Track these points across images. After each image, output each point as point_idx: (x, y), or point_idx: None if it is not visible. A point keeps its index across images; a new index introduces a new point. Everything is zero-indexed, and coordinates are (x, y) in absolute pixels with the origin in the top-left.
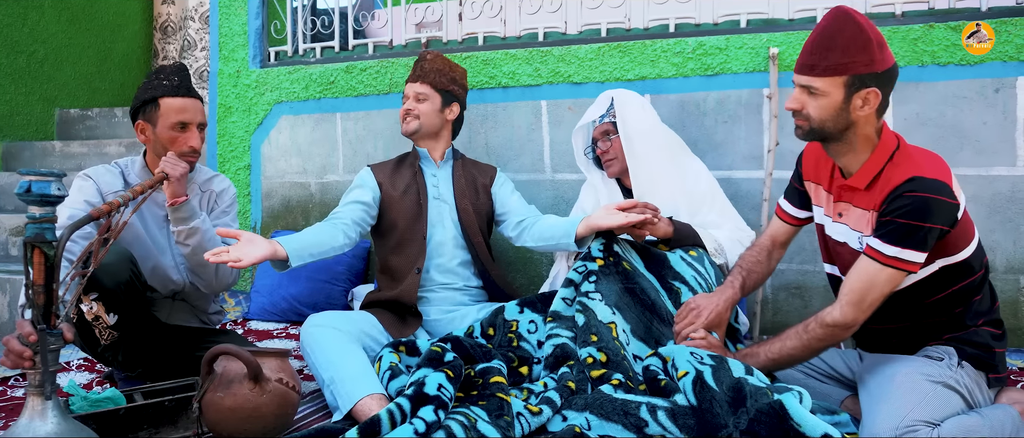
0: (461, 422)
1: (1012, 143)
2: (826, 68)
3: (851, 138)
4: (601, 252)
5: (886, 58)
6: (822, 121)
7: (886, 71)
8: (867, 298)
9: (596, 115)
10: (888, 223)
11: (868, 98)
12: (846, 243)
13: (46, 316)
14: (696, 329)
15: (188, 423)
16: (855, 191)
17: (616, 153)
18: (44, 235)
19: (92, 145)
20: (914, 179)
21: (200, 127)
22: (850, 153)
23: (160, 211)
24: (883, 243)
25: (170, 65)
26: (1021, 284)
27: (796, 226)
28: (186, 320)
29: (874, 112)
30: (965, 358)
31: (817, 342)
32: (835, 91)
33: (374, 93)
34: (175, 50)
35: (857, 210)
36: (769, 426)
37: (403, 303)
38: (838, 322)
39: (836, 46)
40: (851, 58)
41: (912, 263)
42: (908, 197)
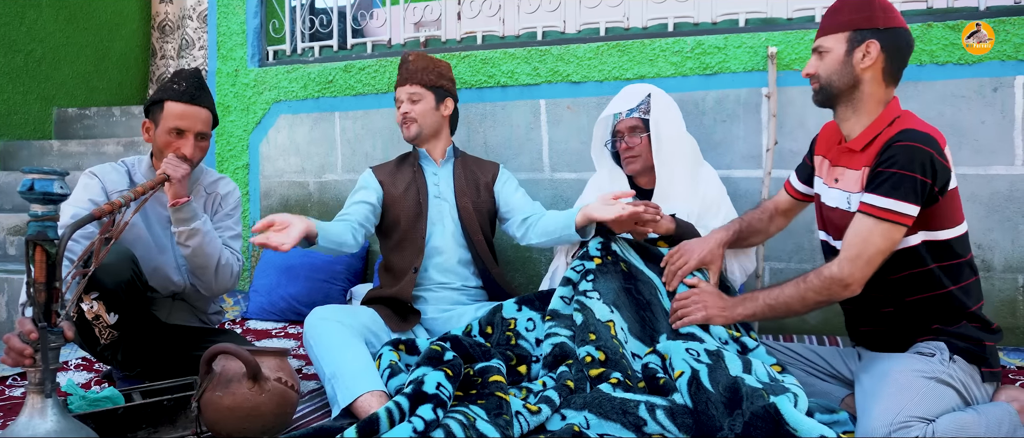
0: (460, 421)
1: (1010, 142)
2: (831, 26)
3: (856, 98)
4: (599, 251)
5: (889, 17)
6: (829, 77)
7: (888, 29)
8: (864, 254)
9: (625, 107)
10: (879, 175)
11: (868, 50)
12: (838, 207)
13: (47, 314)
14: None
15: (187, 422)
16: (852, 153)
17: (641, 151)
18: (46, 233)
19: (90, 144)
20: (904, 130)
21: (200, 136)
22: (854, 116)
23: (164, 212)
24: (876, 196)
25: (187, 70)
26: (1019, 283)
27: (798, 200)
28: (186, 320)
29: (878, 70)
30: (956, 352)
31: (813, 294)
32: (838, 46)
33: (372, 92)
34: (173, 49)
35: (851, 172)
36: (764, 430)
37: (400, 301)
38: (835, 275)
39: (842, 7)
40: (853, 15)
41: (905, 215)
42: (898, 146)
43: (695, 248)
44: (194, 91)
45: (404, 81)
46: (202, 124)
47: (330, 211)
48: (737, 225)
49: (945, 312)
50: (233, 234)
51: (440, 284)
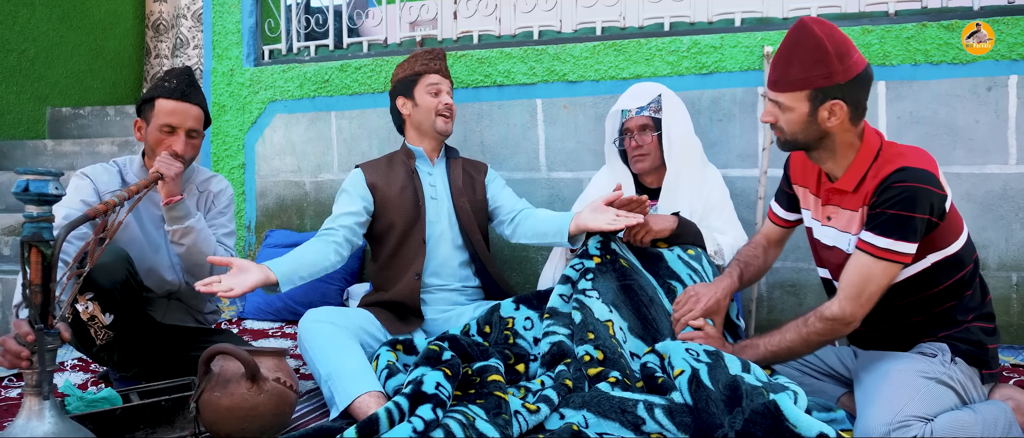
0: (459, 421)
1: (1004, 141)
2: (787, 83)
3: (830, 145)
4: (598, 250)
5: (849, 68)
6: (794, 134)
7: (850, 81)
8: (864, 292)
9: (635, 105)
10: (879, 215)
11: (834, 110)
12: (836, 246)
13: (43, 316)
14: (696, 315)
15: (185, 423)
16: (843, 194)
17: (651, 149)
18: (41, 234)
19: (84, 144)
20: (902, 169)
21: (191, 134)
22: (832, 159)
23: (157, 211)
24: (875, 235)
25: (178, 68)
26: (1013, 281)
27: (786, 227)
28: (182, 320)
29: (846, 121)
30: (958, 354)
31: (816, 336)
32: (799, 105)
33: (369, 92)
34: (167, 48)
35: (846, 212)
36: (764, 427)
37: (403, 305)
38: (837, 316)
39: (793, 61)
40: (808, 72)
41: (904, 254)
42: (897, 188)
43: (701, 296)
44: (185, 88)
45: (444, 73)
46: (193, 121)
47: (326, 211)
48: (738, 270)
49: (952, 320)
50: (226, 231)
51: (439, 286)
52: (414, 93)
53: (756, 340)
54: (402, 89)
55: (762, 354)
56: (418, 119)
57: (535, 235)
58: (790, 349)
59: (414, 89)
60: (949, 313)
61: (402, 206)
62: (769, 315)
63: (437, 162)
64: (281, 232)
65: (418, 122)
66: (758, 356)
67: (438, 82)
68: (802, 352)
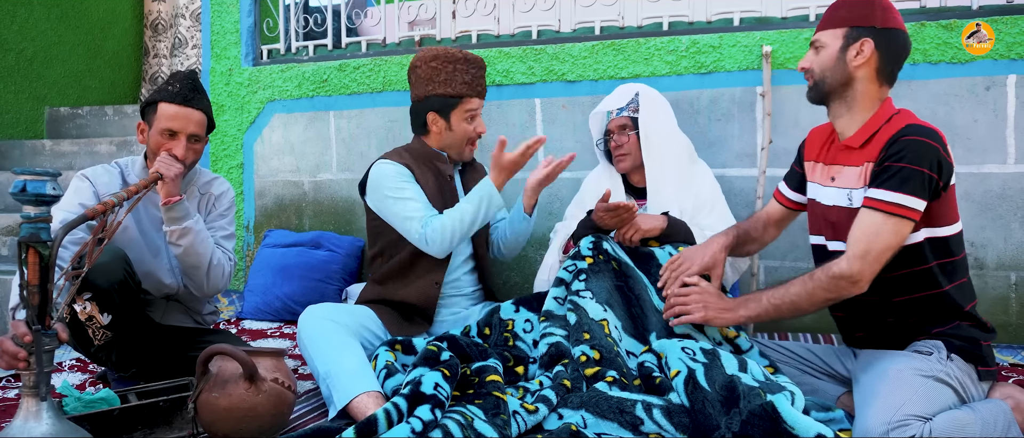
0: (458, 421)
1: (1003, 141)
2: (830, 22)
3: (850, 96)
4: (591, 250)
5: (888, 18)
6: (823, 72)
7: (885, 29)
8: (872, 250)
9: (615, 106)
10: (887, 169)
11: (862, 49)
12: (836, 205)
13: (41, 316)
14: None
15: (183, 423)
16: (850, 151)
17: (630, 149)
18: (39, 235)
19: (82, 144)
20: (910, 126)
21: (193, 139)
22: (848, 113)
23: (157, 214)
24: (883, 190)
25: (182, 72)
26: (1012, 281)
27: (790, 209)
28: (180, 320)
29: (872, 68)
30: (953, 351)
31: (822, 292)
32: (834, 42)
33: (367, 91)
34: (166, 48)
35: (850, 169)
36: (762, 429)
37: (416, 308)
38: (844, 273)
39: (842, 4)
40: (852, 12)
41: (913, 209)
42: (905, 141)
43: (697, 254)
44: (188, 93)
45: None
46: (195, 126)
47: (325, 210)
48: (735, 231)
49: (940, 313)
50: (226, 234)
51: (454, 292)
52: (451, 117)
53: (759, 293)
54: (438, 106)
55: (764, 307)
56: (447, 142)
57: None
58: (794, 303)
59: (452, 112)
60: (938, 300)
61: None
62: None
63: (455, 167)
64: (280, 232)
65: (445, 144)
66: (760, 308)
67: (477, 107)
68: (806, 308)
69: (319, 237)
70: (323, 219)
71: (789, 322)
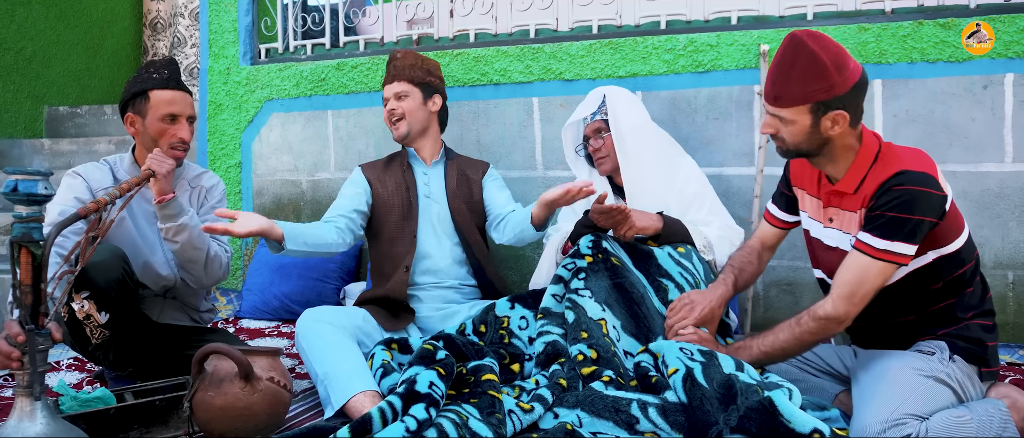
0: (453, 420)
1: (1000, 139)
2: (788, 99)
3: (831, 151)
4: (590, 249)
5: (847, 78)
6: (797, 144)
7: (849, 91)
8: (859, 291)
9: (587, 112)
10: (878, 217)
11: (836, 119)
12: (838, 247)
13: (34, 316)
14: (687, 325)
15: (179, 422)
16: (843, 195)
17: (608, 151)
18: (31, 234)
19: (81, 143)
20: (901, 173)
21: (190, 120)
22: (833, 164)
23: (149, 207)
24: (873, 236)
25: (159, 59)
26: (1009, 279)
27: (783, 229)
28: (177, 318)
29: (846, 126)
30: (957, 352)
31: (809, 336)
32: (802, 118)
33: (365, 90)
34: (165, 47)
35: (846, 213)
36: (759, 423)
37: (394, 300)
38: (830, 315)
39: (793, 77)
40: (809, 87)
41: (902, 255)
42: (896, 191)
43: (695, 305)
44: (176, 76)
45: (391, 79)
46: (190, 107)
47: (323, 209)
48: (732, 276)
49: (951, 318)
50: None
51: (434, 283)
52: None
53: (749, 341)
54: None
55: (755, 355)
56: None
57: (510, 234)
58: (784, 349)
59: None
60: (949, 311)
61: (394, 205)
62: (765, 313)
63: (434, 163)
64: None
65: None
66: (751, 357)
67: (385, 91)
68: (795, 352)
69: None
70: (321, 218)
71: (787, 317)
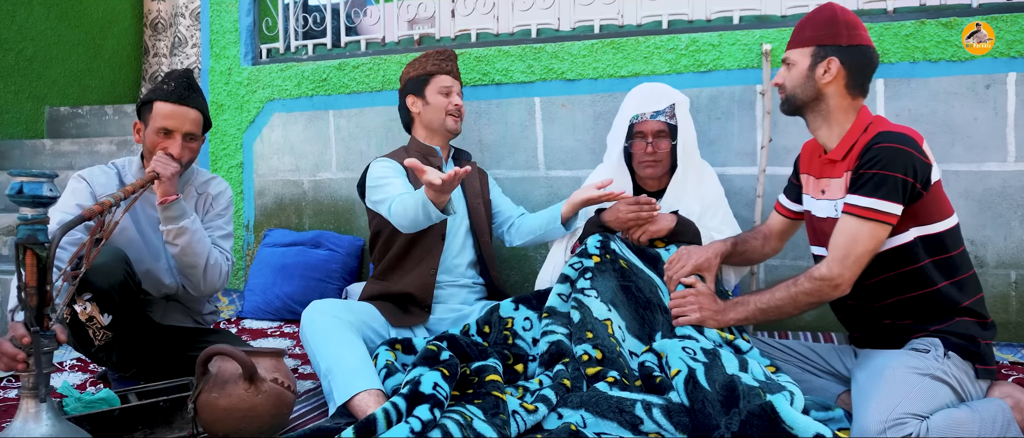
0: (457, 421)
1: (1003, 139)
2: (798, 41)
3: (823, 109)
4: (598, 249)
5: (853, 35)
6: (794, 89)
7: (851, 46)
8: (851, 254)
9: (651, 109)
10: (861, 176)
11: (829, 67)
12: (828, 217)
13: (39, 318)
14: (686, 272)
15: (183, 424)
16: (834, 164)
17: (663, 156)
18: (36, 236)
19: (83, 143)
20: (881, 133)
21: (189, 137)
22: (825, 126)
23: (155, 214)
24: (858, 196)
25: (178, 70)
26: (1012, 279)
27: (791, 219)
28: (180, 320)
29: (841, 84)
30: (951, 348)
31: (804, 296)
32: (803, 60)
33: (367, 90)
34: (166, 47)
35: (836, 181)
36: (761, 429)
37: (413, 298)
38: (825, 276)
39: (808, 24)
40: (817, 31)
41: (888, 214)
42: (876, 149)
43: (693, 254)
44: (183, 91)
45: (455, 75)
46: (191, 125)
47: (325, 209)
48: (734, 240)
49: (936, 310)
50: (223, 234)
51: (449, 282)
52: (425, 92)
53: (747, 297)
54: (413, 88)
55: (752, 311)
56: (428, 118)
57: (531, 232)
58: (779, 308)
59: (425, 89)
60: (936, 299)
61: None
62: None
63: (448, 162)
64: (280, 231)
65: (428, 121)
66: (747, 312)
67: (450, 84)
68: (790, 312)
69: (319, 236)
70: (323, 218)
71: (790, 321)
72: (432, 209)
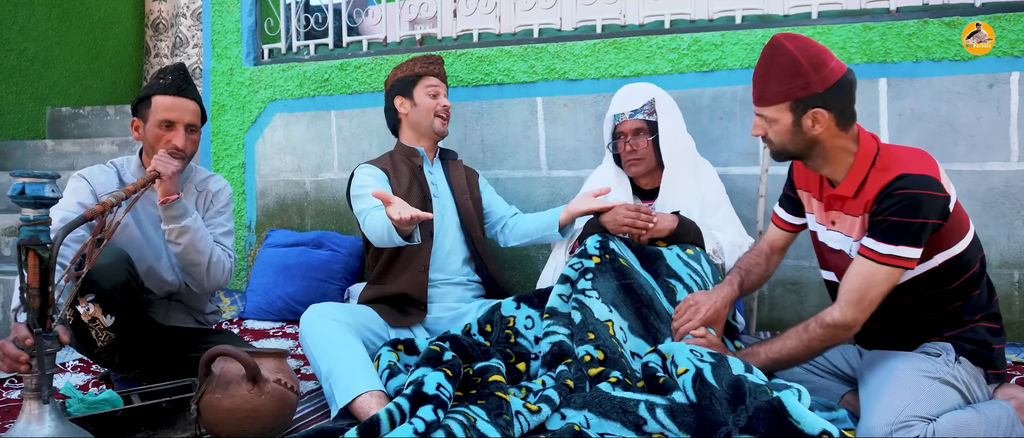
0: (460, 421)
1: (1006, 138)
2: (768, 97)
3: (822, 152)
4: (597, 249)
5: (825, 77)
6: (783, 144)
7: (829, 89)
8: (866, 297)
9: (628, 108)
10: (881, 222)
11: (816, 118)
12: (842, 251)
13: (42, 319)
14: (695, 325)
15: (186, 425)
16: (844, 199)
17: (645, 154)
18: (38, 237)
19: (84, 144)
20: (902, 176)
21: (190, 128)
22: (828, 165)
23: (155, 212)
24: (877, 242)
25: (170, 65)
26: (1015, 278)
27: (792, 232)
28: (182, 320)
29: (833, 127)
30: (963, 354)
31: (817, 342)
32: (783, 116)
33: (369, 91)
34: (167, 47)
35: (848, 217)
36: (768, 424)
37: (409, 297)
38: (838, 322)
39: (771, 76)
40: (786, 85)
41: (908, 259)
42: (898, 195)
43: (701, 306)
44: (181, 83)
45: (442, 78)
46: (191, 116)
47: (326, 210)
48: (739, 278)
49: (954, 322)
50: (225, 231)
51: (444, 280)
52: (413, 93)
53: (756, 347)
54: (400, 89)
55: (763, 361)
56: (416, 119)
57: (526, 236)
58: (792, 356)
59: (413, 90)
60: (955, 313)
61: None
62: (771, 313)
63: (435, 162)
64: (282, 232)
65: (416, 122)
66: (759, 363)
67: (437, 85)
68: (803, 358)
69: (321, 237)
70: (325, 219)
71: (791, 320)
72: (396, 235)
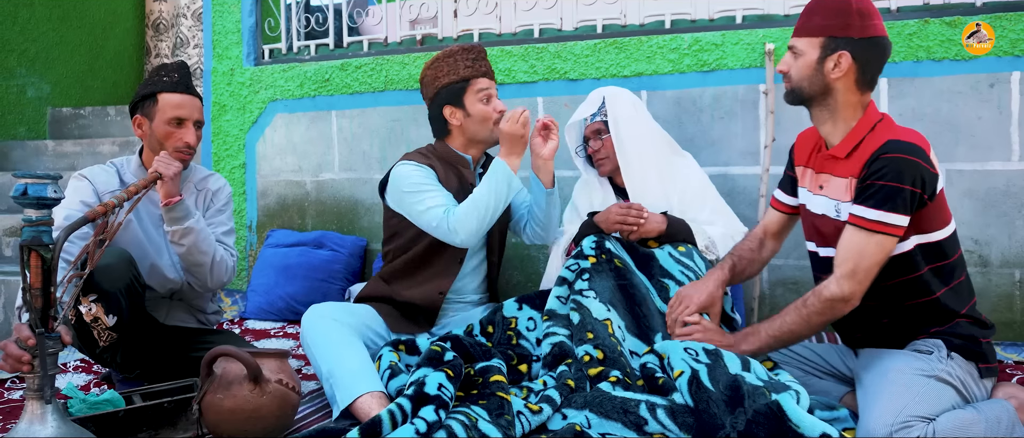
0: (462, 422)
1: (1007, 138)
2: (806, 29)
3: (831, 104)
4: (593, 249)
5: (866, 26)
6: (800, 80)
7: (863, 39)
8: (860, 267)
9: (587, 113)
10: (869, 187)
11: (839, 61)
12: (825, 214)
13: (44, 320)
14: (690, 312)
15: (188, 425)
16: (836, 160)
17: (607, 152)
18: (41, 238)
19: (85, 144)
20: (890, 142)
21: (197, 125)
22: (831, 121)
23: (156, 210)
24: (866, 208)
25: (172, 63)
26: (1016, 278)
27: (788, 214)
28: (184, 320)
29: (851, 79)
30: (953, 349)
31: (817, 316)
32: (811, 51)
33: (369, 91)
34: (168, 48)
35: (836, 179)
36: (767, 428)
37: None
38: (835, 295)
39: (818, 10)
40: (828, 21)
41: (896, 226)
42: (885, 159)
43: (693, 293)
44: (186, 81)
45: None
46: (198, 112)
47: (327, 210)
48: (730, 262)
49: (936, 317)
50: (226, 229)
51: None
52: (465, 102)
53: (757, 327)
54: (449, 98)
55: (764, 340)
56: (473, 130)
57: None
58: (792, 332)
59: (464, 97)
60: (936, 305)
61: None
62: (771, 312)
63: (478, 168)
64: (283, 232)
65: (472, 133)
66: (760, 342)
67: (488, 86)
68: (804, 334)
69: (322, 237)
70: (326, 219)
71: None
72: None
